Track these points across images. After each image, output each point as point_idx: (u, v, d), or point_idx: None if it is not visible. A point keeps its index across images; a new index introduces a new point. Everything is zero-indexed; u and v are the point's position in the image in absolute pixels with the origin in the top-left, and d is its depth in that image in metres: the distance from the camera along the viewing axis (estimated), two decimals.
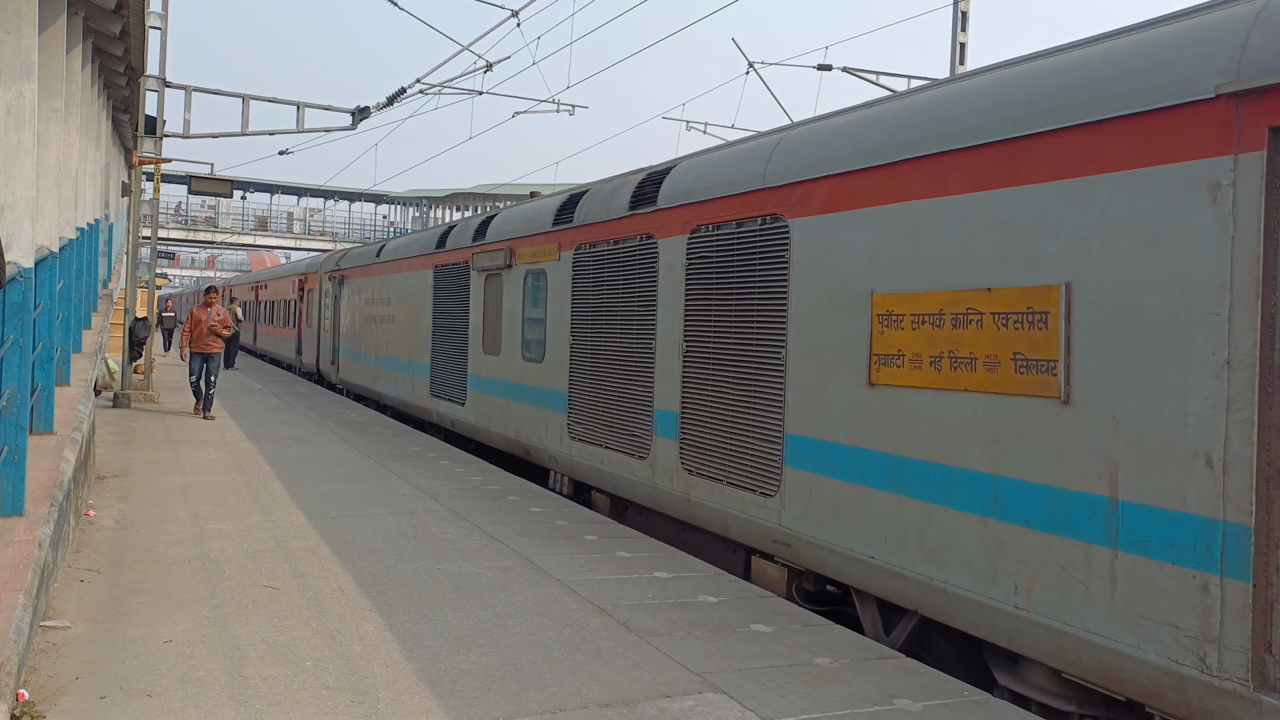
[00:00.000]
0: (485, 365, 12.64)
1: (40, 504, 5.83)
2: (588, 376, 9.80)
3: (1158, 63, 4.51)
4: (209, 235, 58.82)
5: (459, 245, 13.92)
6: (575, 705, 4.49)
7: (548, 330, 10.70)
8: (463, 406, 13.42)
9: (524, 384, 11.35)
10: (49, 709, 4.19)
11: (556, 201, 11.11)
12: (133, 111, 17.35)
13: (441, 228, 15.45)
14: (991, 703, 4.77)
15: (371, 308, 18.96)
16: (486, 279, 12.67)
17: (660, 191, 8.63)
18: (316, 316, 25.02)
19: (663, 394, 8.39)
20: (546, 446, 10.69)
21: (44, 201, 8.12)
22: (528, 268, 11.34)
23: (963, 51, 17.06)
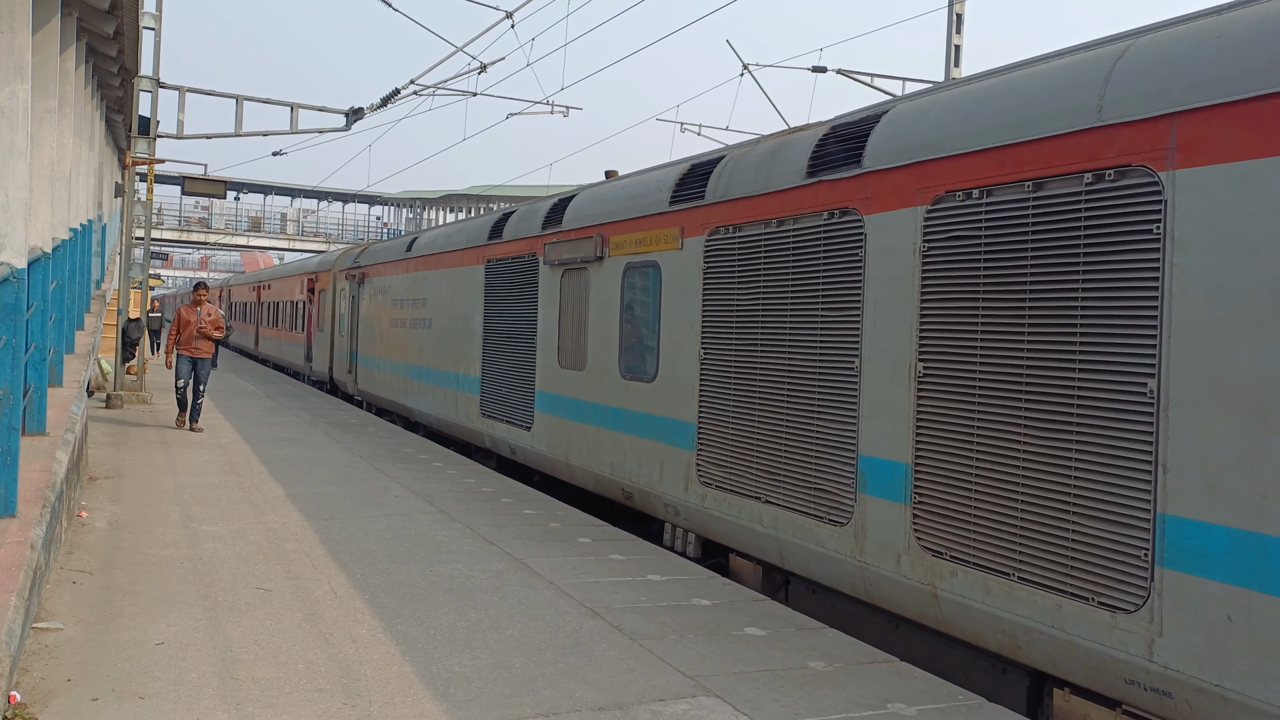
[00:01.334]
0: (562, 382, 10.30)
1: (32, 505, 5.80)
2: (731, 403, 7.48)
3: None
4: (202, 236, 58.70)
5: (522, 234, 11.58)
6: (568, 708, 4.49)
7: (662, 340, 8.44)
8: (528, 431, 11.03)
9: (624, 408, 9.02)
10: (41, 711, 4.18)
11: (672, 173, 8.76)
12: (126, 112, 17.32)
13: (493, 215, 13.10)
14: (986, 707, 4.78)
15: (400, 310, 16.55)
16: (564, 275, 10.35)
17: (868, 147, 6.31)
18: (330, 320, 22.52)
19: (875, 435, 6.04)
20: (661, 492, 8.34)
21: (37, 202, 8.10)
22: (630, 260, 9.05)
23: (958, 54, 17.11)
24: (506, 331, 11.93)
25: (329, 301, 22.60)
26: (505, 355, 11.92)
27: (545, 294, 10.88)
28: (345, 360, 20.75)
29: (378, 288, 18.31)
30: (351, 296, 20.29)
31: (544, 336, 10.85)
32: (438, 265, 14.73)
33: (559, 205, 10.87)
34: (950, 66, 17.10)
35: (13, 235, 6.14)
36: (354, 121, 18.10)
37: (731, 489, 7.44)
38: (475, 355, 12.90)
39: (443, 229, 15.29)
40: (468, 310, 13.26)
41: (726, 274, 7.68)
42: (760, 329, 7.24)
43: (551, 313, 10.68)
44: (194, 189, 19.91)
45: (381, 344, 17.84)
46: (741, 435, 7.38)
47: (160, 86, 16.59)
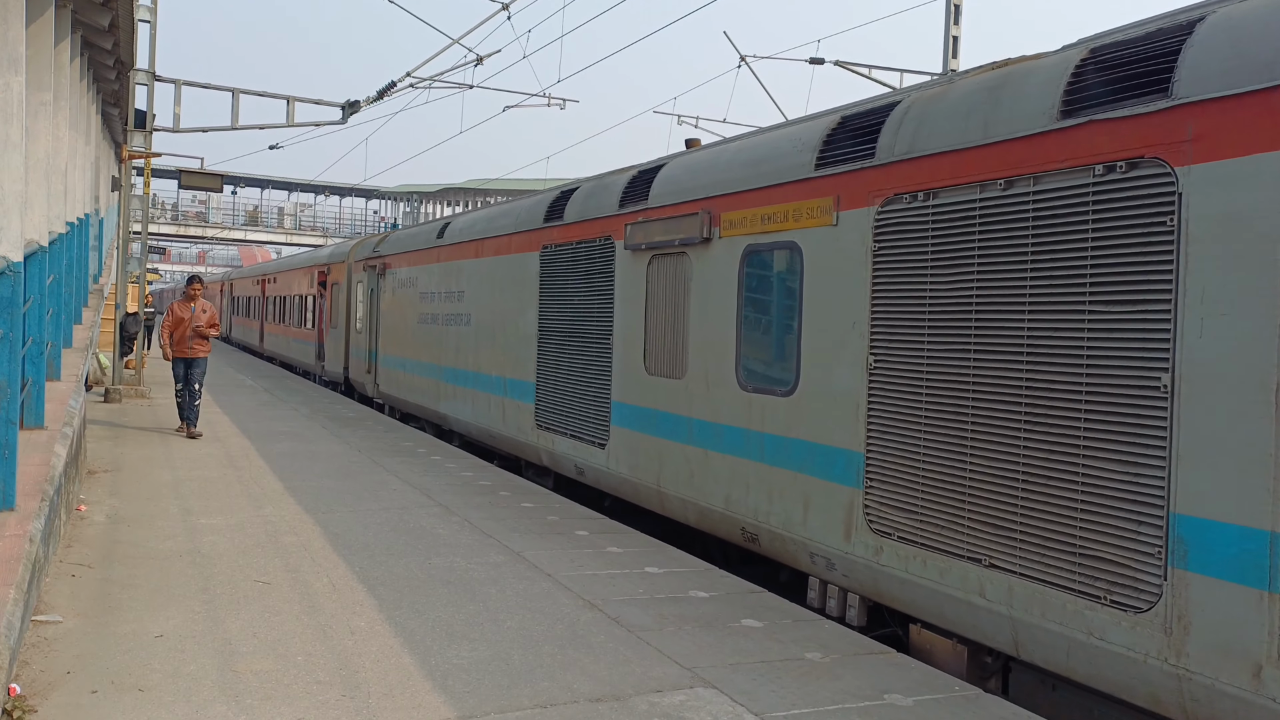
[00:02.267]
0: (650, 392, 8.58)
1: (31, 499, 5.81)
2: (924, 427, 5.68)
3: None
4: (200, 230, 58.61)
5: (591, 214, 9.87)
6: (566, 700, 4.51)
7: (805, 343, 6.72)
8: (602, 449, 9.32)
9: (746, 427, 7.30)
10: (40, 703, 4.19)
11: (815, 129, 6.97)
12: (122, 105, 17.28)
13: (551, 192, 11.35)
14: (982, 698, 4.80)
15: (430, 304, 14.84)
16: (652, 261, 8.65)
17: (1184, 64, 4.49)
18: (344, 315, 20.74)
19: (1203, 484, 4.30)
20: (807, 538, 6.63)
21: (33, 195, 8.09)
22: (753, 241, 7.32)
23: (955, 45, 17.10)
24: (570, 330, 10.19)
25: (343, 295, 20.89)
26: (569, 358, 10.19)
27: (624, 285, 9.11)
28: (363, 359, 19.09)
29: (402, 279, 16.54)
30: (370, 289, 18.66)
31: (623, 336, 9.09)
32: (477, 253, 13.00)
33: (642, 178, 9.11)
34: (948, 57, 17.09)
35: (9, 229, 6.13)
36: (350, 114, 18.07)
37: (925, 543, 5.62)
38: (528, 357, 11.15)
39: (483, 212, 13.64)
40: (518, 304, 11.52)
41: (911, 255, 5.82)
42: (978, 329, 5.32)
43: (634, 307, 8.92)
44: (191, 183, 19.89)
45: (407, 342, 16.12)
46: (944, 471, 5.51)
47: (156, 80, 16.56)
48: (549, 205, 10.94)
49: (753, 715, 4.41)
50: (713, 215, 7.83)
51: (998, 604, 5.17)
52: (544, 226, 10.92)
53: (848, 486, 6.29)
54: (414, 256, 15.95)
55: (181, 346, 12.71)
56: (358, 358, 19.62)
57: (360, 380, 19.39)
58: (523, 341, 11.36)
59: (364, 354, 19.09)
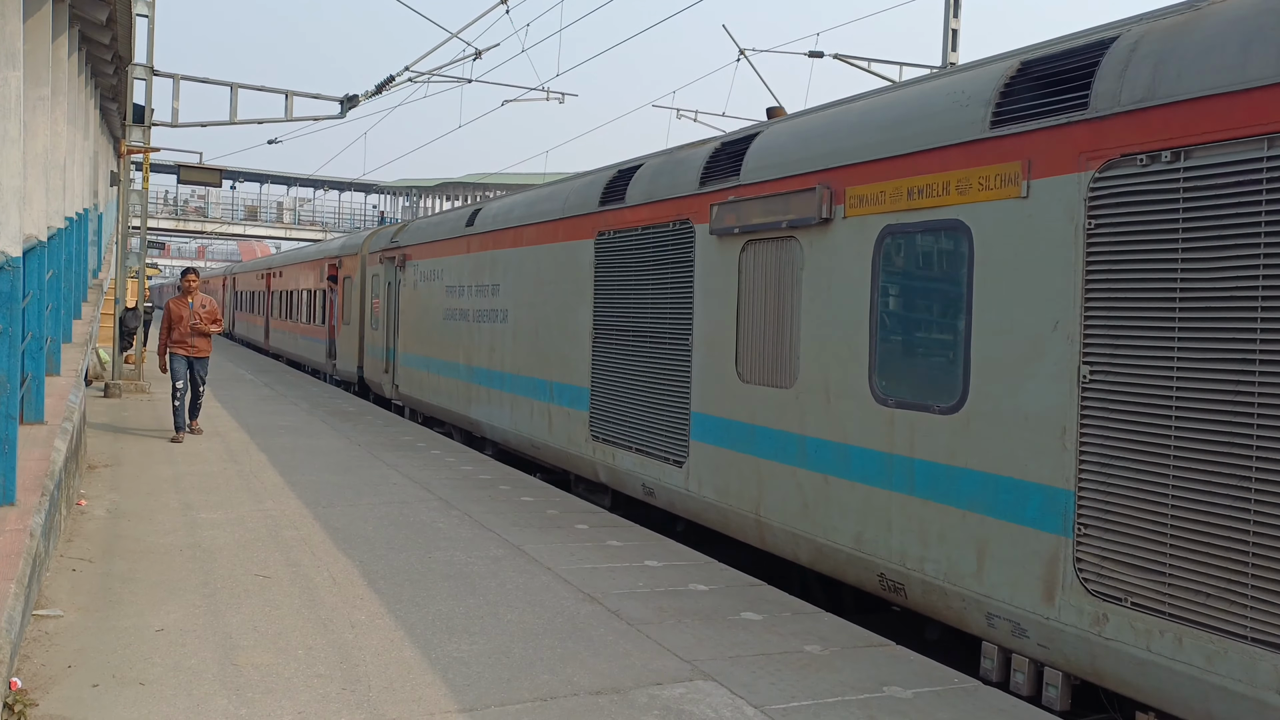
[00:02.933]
0: (743, 402, 7.32)
1: (31, 493, 5.82)
2: (1170, 461, 4.42)
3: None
4: (199, 225, 58.59)
5: (662, 194, 8.51)
6: (566, 693, 4.52)
7: (975, 348, 5.41)
8: (678, 468, 8.09)
9: (885, 451, 5.97)
10: (42, 697, 4.20)
11: (979, 79, 5.69)
12: (120, 100, 17.26)
13: (604, 171, 10.08)
14: (981, 690, 4.81)
15: (458, 299, 13.56)
16: (747, 248, 7.35)
17: None
18: (358, 311, 19.53)
19: None
20: (985, 595, 5.28)
21: (32, 190, 8.09)
22: (893, 220, 5.97)
23: (955, 38, 17.08)
24: (634, 328, 8.88)
25: (356, 290, 19.66)
26: (633, 360, 8.87)
27: (708, 275, 7.81)
28: (380, 358, 17.74)
29: (424, 272, 15.22)
30: (388, 283, 17.34)
31: (706, 336, 7.82)
32: (515, 242, 11.65)
33: (732, 149, 7.79)
34: (947, 50, 17.07)
35: (7, 224, 6.13)
36: (349, 109, 18.05)
37: (1181, 614, 4.32)
38: (580, 358, 9.84)
39: (520, 196, 12.29)
40: (566, 299, 10.21)
41: (1151, 234, 4.52)
42: (1268, 331, 4.08)
43: (721, 301, 7.63)
44: (190, 177, 19.85)
45: (431, 340, 14.79)
46: (1211, 519, 4.22)
47: (154, 74, 16.53)
48: (605, 186, 9.58)
49: (752, 708, 4.43)
50: (833, 190, 6.50)
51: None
52: (600, 210, 9.54)
53: (1048, 533, 4.91)
54: (438, 247, 14.67)
55: (183, 344, 11.89)
56: (373, 356, 18.26)
57: (376, 380, 18.06)
58: (573, 341, 10.04)
59: (381, 352, 17.71)
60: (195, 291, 12.04)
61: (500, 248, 12.19)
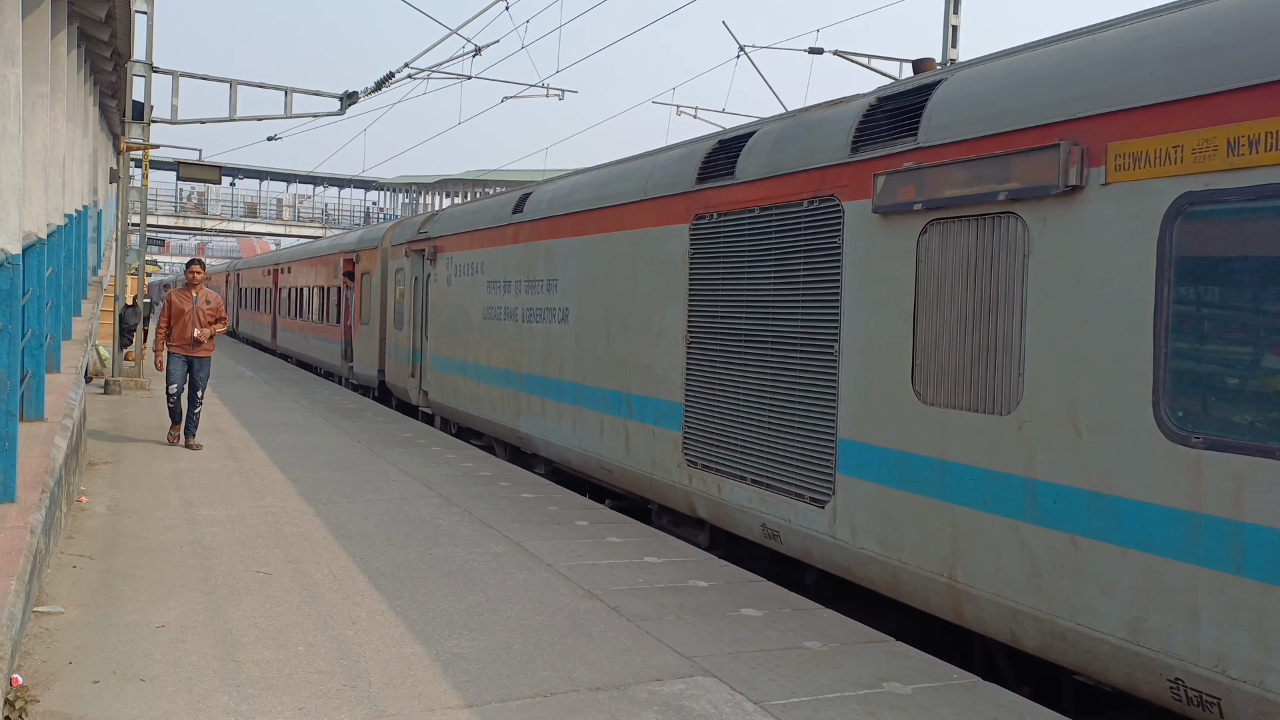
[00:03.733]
0: (928, 429, 5.72)
1: (32, 490, 5.83)
2: None
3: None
4: (198, 222, 58.58)
5: (794, 164, 6.89)
6: (566, 689, 4.53)
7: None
8: (819, 509, 6.50)
9: (1190, 509, 4.39)
10: (43, 693, 4.21)
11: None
12: (120, 97, 17.25)
13: (701, 142, 8.51)
14: (980, 685, 4.82)
15: (504, 295, 11.98)
16: (931, 229, 5.78)
17: None
18: (378, 309, 18.14)
19: None
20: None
21: (31, 188, 8.09)
22: (1199, 186, 4.42)
23: (954, 34, 17.07)
24: (749, 330, 7.30)
25: (377, 286, 18.28)
26: (748, 370, 7.28)
27: (866, 264, 6.21)
28: (405, 361, 16.19)
29: (460, 266, 13.66)
30: (415, 278, 15.85)
31: (862, 342, 6.21)
32: (580, 229, 10.08)
33: (902, 102, 6.13)
34: (947, 47, 17.06)
35: (7, 221, 6.13)
36: (348, 105, 18.04)
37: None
38: (669, 367, 8.31)
39: (585, 176, 10.59)
40: (650, 295, 8.65)
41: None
42: None
43: (888, 299, 6.00)
44: (189, 174, 19.85)
45: (469, 342, 13.22)
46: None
47: (154, 71, 16.52)
48: (704, 160, 8.04)
49: (752, 704, 4.43)
50: (1085, 148, 4.90)
51: None
52: (697, 189, 7.98)
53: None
54: (477, 237, 13.06)
55: (182, 342, 11.09)
56: (397, 359, 16.68)
57: (401, 385, 16.43)
58: (659, 346, 8.46)
59: (406, 354, 16.07)
60: (200, 285, 11.23)
61: (558, 236, 10.58)
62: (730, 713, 4.33)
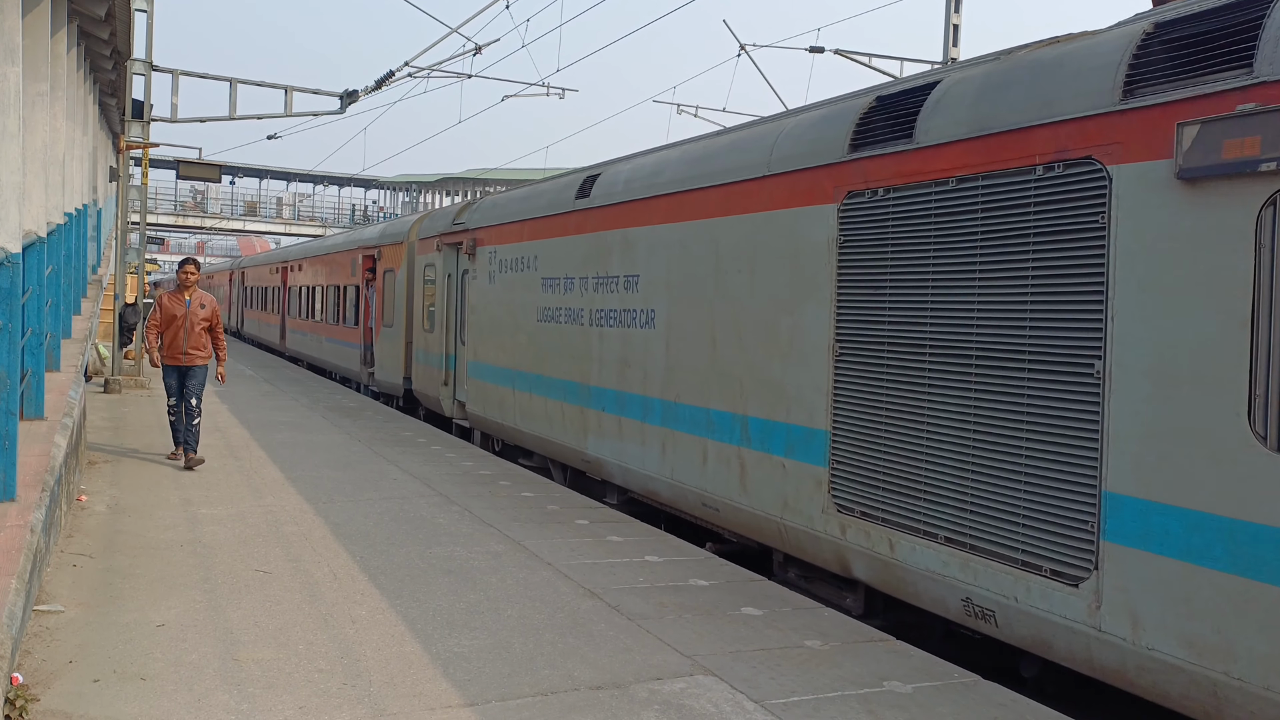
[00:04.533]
0: (1271, 486, 4.07)
1: (32, 489, 5.82)
2: None
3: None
4: (198, 220, 58.57)
5: (1027, 116, 5.25)
6: (567, 688, 4.52)
7: None
8: (1071, 588, 4.85)
9: None
10: (43, 692, 4.21)
11: None
12: (119, 95, 17.25)
13: (850, 99, 6.87)
14: (981, 685, 4.82)
15: (564, 294, 10.34)
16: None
17: None
18: (403, 310, 16.57)
19: None
20: None
21: (31, 186, 8.08)
22: None
23: (956, 33, 17.07)
24: (937, 341, 5.68)
25: (403, 284, 16.70)
26: (939, 392, 5.65)
27: (1160, 255, 4.55)
28: (437, 368, 14.55)
29: (506, 260, 11.96)
30: (448, 275, 14.26)
31: (1149, 361, 4.58)
32: (673, 214, 8.36)
33: (1224, 16, 4.47)
34: (949, 46, 17.06)
35: (7, 220, 6.13)
36: (348, 104, 18.03)
37: None
38: (807, 384, 6.64)
39: (675, 150, 8.88)
40: (776, 295, 6.99)
41: None
42: None
43: (1204, 302, 4.38)
44: (189, 173, 19.86)
45: (517, 347, 11.53)
46: None
47: (153, 70, 16.52)
48: (860, 120, 6.36)
49: (752, 702, 4.43)
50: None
51: None
52: (851, 159, 6.32)
53: None
54: (530, 228, 11.37)
55: (174, 351, 9.94)
56: (427, 365, 15.09)
57: (431, 394, 14.81)
58: (790, 357, 6.80)
59: (438, 361, 14.47)
60: (194, 287, 10.16)
61: (640, 224, 8.91)
62: (731, 711, 4.33)
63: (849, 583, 6.48)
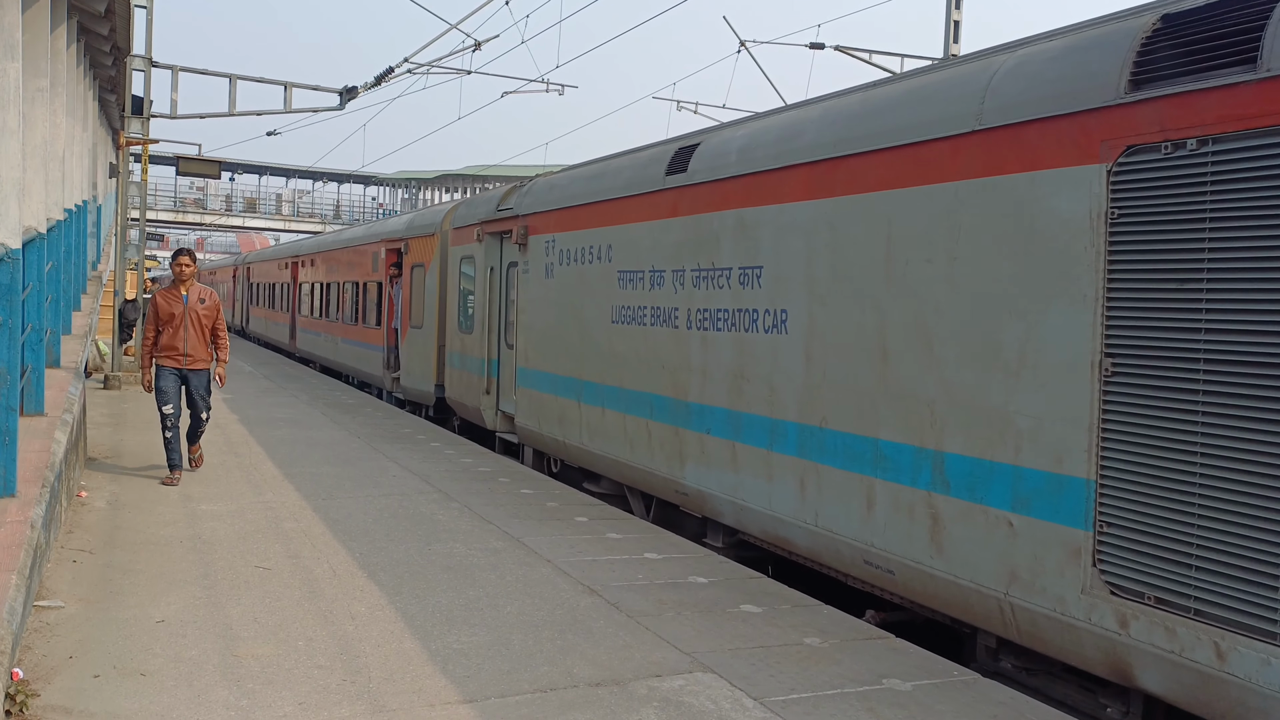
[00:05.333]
0: None
1: (32, 485, 5.82)
2: None
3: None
4: (198, 217, 58.54)
5: None
6: (566, 684, 4.53)
7: None
8: None
9: None
10: (43, 687, 4.21)
11: None
12: (119, 92, 17.24)
13: (1113, 20, 4.97)
14: (980, 682, 4.82)
15: (651, 291, 8.62)
16: None
17: None
18: (434, 308, 14.77)
19: None
20: None
21: (31, 182, 8.08)
22: None
23: (957, 30, 17.06)
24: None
25: (434, 280, 14.91)
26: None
27: None
28: (477, 374, 12.69)
29: (569, 250, 10.16)
30: (490, 268, 12.39)
31: None
32: (818, 188, 6.62)
33: None
34: (949, 42, 17.05)
35: (7, 216, 6.12)
36: (348, 100, 18.02)
37: None
38: (1052, 413, 4.88)
39: (814, 107, 7.10)
40: (990, 292, 5.28)
41: None
42: None
43: None
44: (188, 169, 19.85)
45: (584, 353, 9.78)
46: None
47: (153, 66, 16.51)
48: (1143, 44, 4.64)
49: (752, 700, 4.44)
50: None
51: None
52: (1127, 100, 4.59)
53: None
54: (600, 212, 9.58)
55: (172, 353, 8.92)
56: (464, 370, 13.25)
57: (469, 404, 12.98)
58: (1022, 376, 5.05)
59: (478, 366, 12.62)
60: (191, 281, 9.06)
61: (764, 202, 7.17)
62: (730, 709, 4.33)
63: (1118, 688, 4.78)
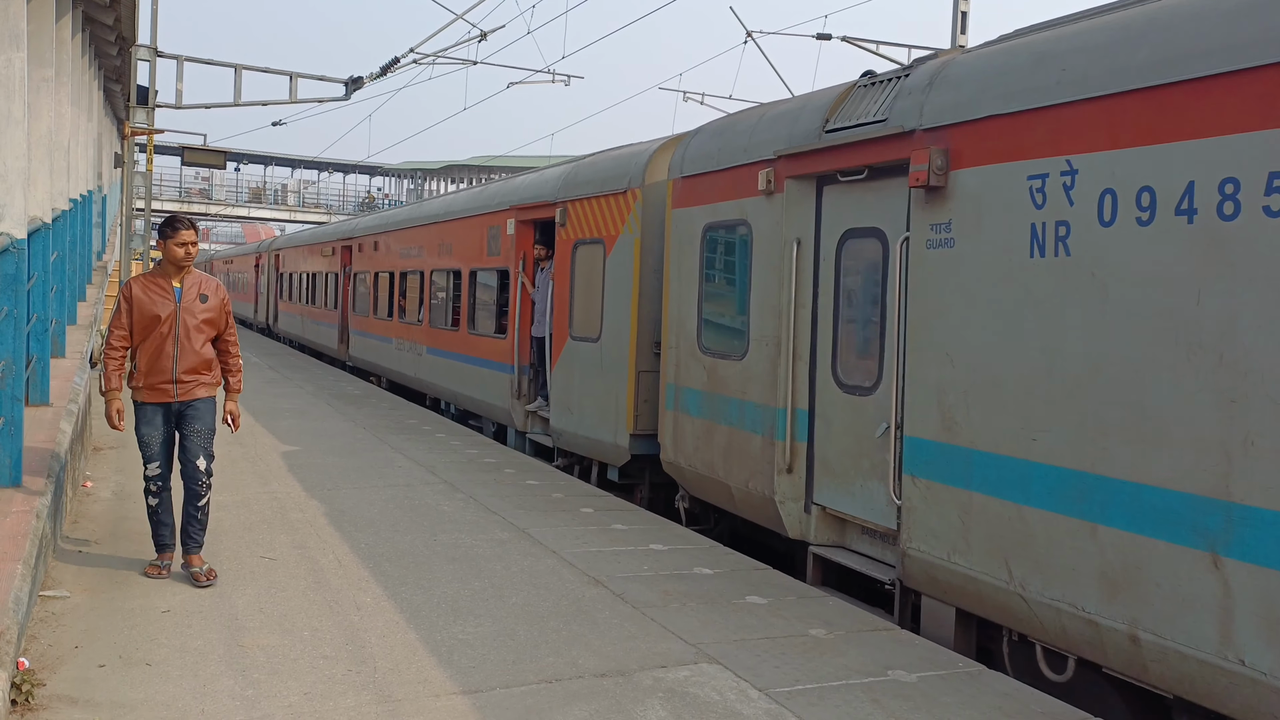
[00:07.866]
0: None
1: (37, 475, 5.83)
2: None
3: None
4: (203, 207, 58.54)
5: None
6: (571, 675, 4.53)
7: None
8: None
9: None
10: (49, 677, 4.22)
11: None
12: (124, 82, 17.23)
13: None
14: (985, 674, 4.81)
15: None
16: None
17: None
18: (628, 312, 9.17)
19: None
20: None
21: (36, 172, 8.08)
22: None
23: (964, 21, 16.98)
24: None
25: (628, 265, 9.29)
26: None
27: None
28: (754, 433, 7.10)
29: (1136, 188, 4.35)
30: (792, 242, 6.72)
31: None
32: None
33: None
34: (956, 33, 16.97)
35: (12, 205, 6.12)
36: (353, 91, 18.00)
37: None
38: None
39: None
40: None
41: None
42: None
43: None
44: (194, 159, 19.84)
45: (1163, 429, 4.20)
46: None
47: (158, 55, 16.49)
48: None
49: (757, 690, 4.43)
50: None
51: None
52: None
53: None
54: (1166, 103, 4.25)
55: (158, 379, 5.76)
56: (710, 420, 7.71)
57: (736, 485, 7.34)
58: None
59: (757, 417, 7.07)
60: (189, 269, 5.83)
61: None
62: (735, 699, 4.33)
63: None
